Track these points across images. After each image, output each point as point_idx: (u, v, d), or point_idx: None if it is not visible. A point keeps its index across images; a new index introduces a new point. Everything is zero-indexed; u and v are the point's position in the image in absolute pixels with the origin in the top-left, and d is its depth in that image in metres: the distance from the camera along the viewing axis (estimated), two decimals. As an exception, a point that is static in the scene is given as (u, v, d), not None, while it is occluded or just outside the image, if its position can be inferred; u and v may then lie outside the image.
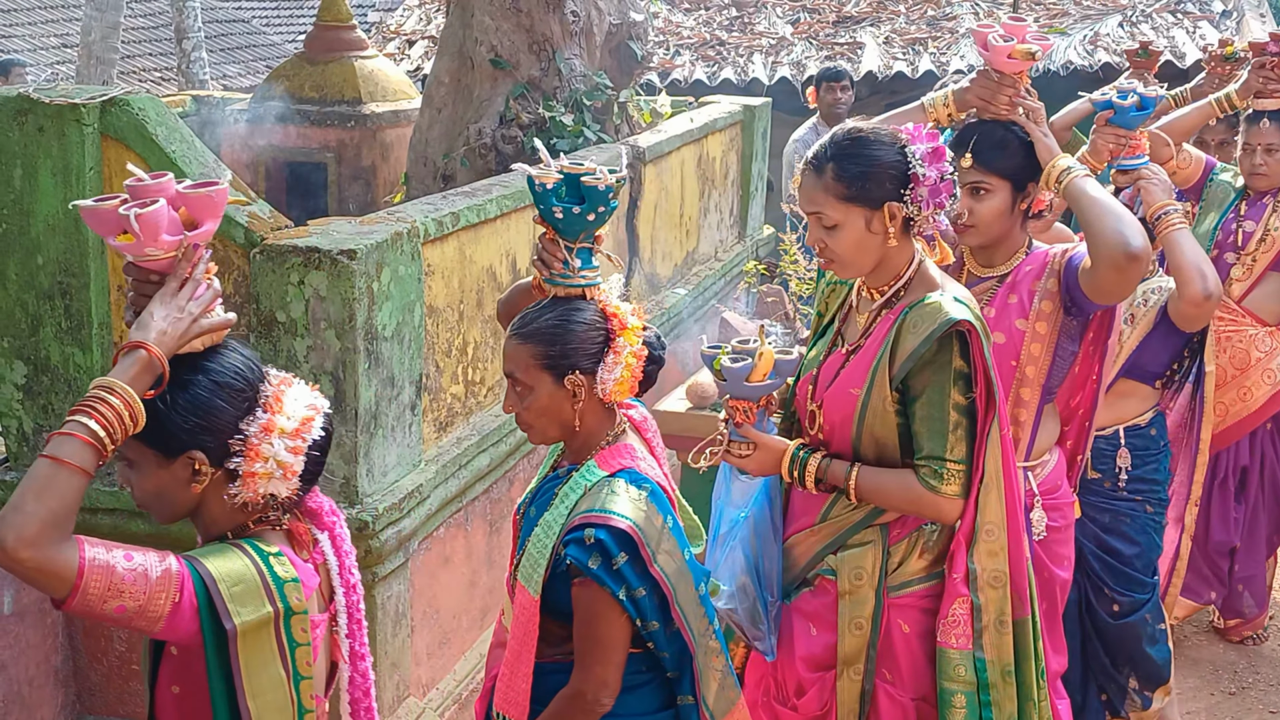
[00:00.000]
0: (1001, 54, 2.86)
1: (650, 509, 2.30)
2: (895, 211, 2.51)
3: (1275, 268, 4.60)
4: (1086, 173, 2.84)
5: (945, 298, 2.53)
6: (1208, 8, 9.58)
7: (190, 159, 3.57)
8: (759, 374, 2.60)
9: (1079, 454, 3.20)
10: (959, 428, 2.51)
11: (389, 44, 10.04)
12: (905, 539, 2.64)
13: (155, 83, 13.33)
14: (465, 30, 5.54)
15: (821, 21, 9.95)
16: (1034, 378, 2.94)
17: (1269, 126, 4.50)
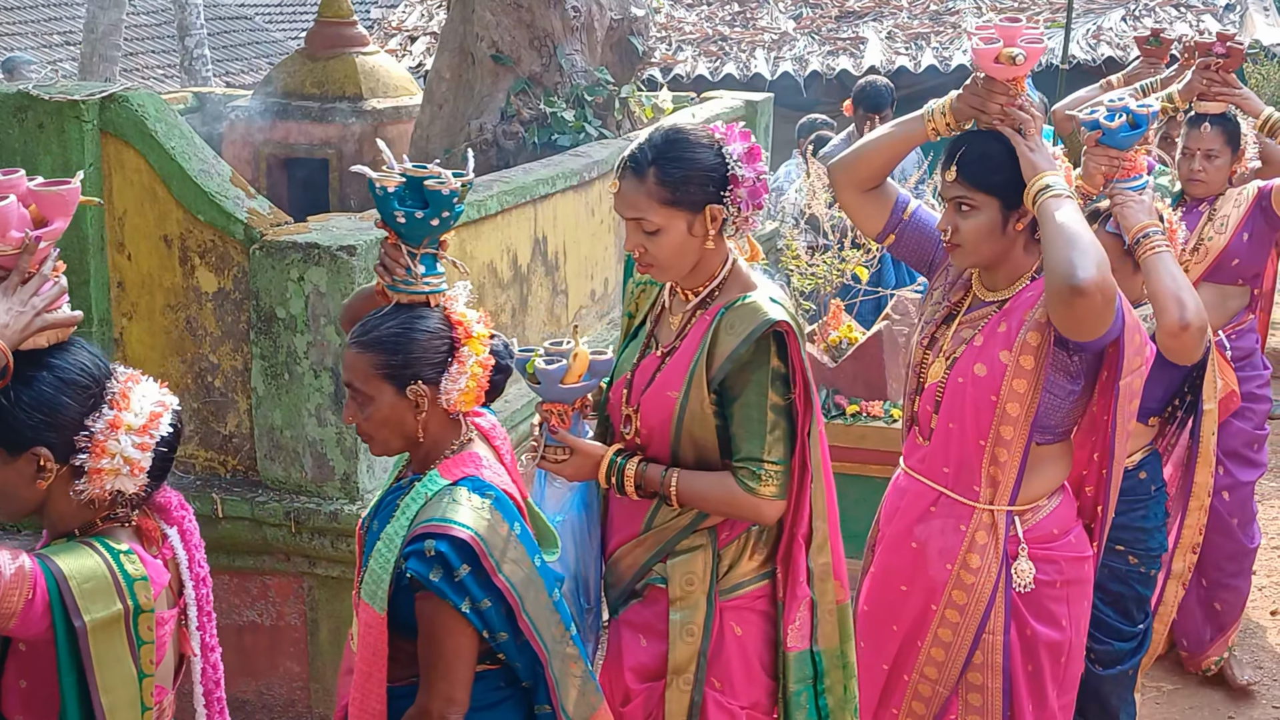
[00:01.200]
0: (988, 58, 2.65)
1: (494, 517, 2.23)
2: (716, 214, 2.45)
3: (1208, 278, 4.36)
4: (1068, 194, 2.61)
5: (762, 298, 2.48)
6: (1211, 1, 9.55)
7: (189, 155, 3.56)
8: (574, 375, 2.54)
9: (1099, 504, 2.89)
10: (777, 429, 2.46)
11: (391, 40, 10.04)
12: (735, 540, 2.57)
13: (158, 80, 13.34)
14: (466, 26, 5.53)
15: (824, 16, 9.94)
16: (1018, 416, 2.72)
17: (1210, 131, 4.29)
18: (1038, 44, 2.63)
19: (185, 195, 3.54)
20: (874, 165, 2.89)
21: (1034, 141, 2.67)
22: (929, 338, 2.89)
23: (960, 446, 2.79)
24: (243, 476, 3.71)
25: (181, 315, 3.65)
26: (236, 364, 3.63)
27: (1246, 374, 4.46)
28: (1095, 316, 2.54)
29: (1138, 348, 2.71)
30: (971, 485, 2.80)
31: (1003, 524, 2.78)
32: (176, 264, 3.62)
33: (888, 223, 2.95)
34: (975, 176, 2.70)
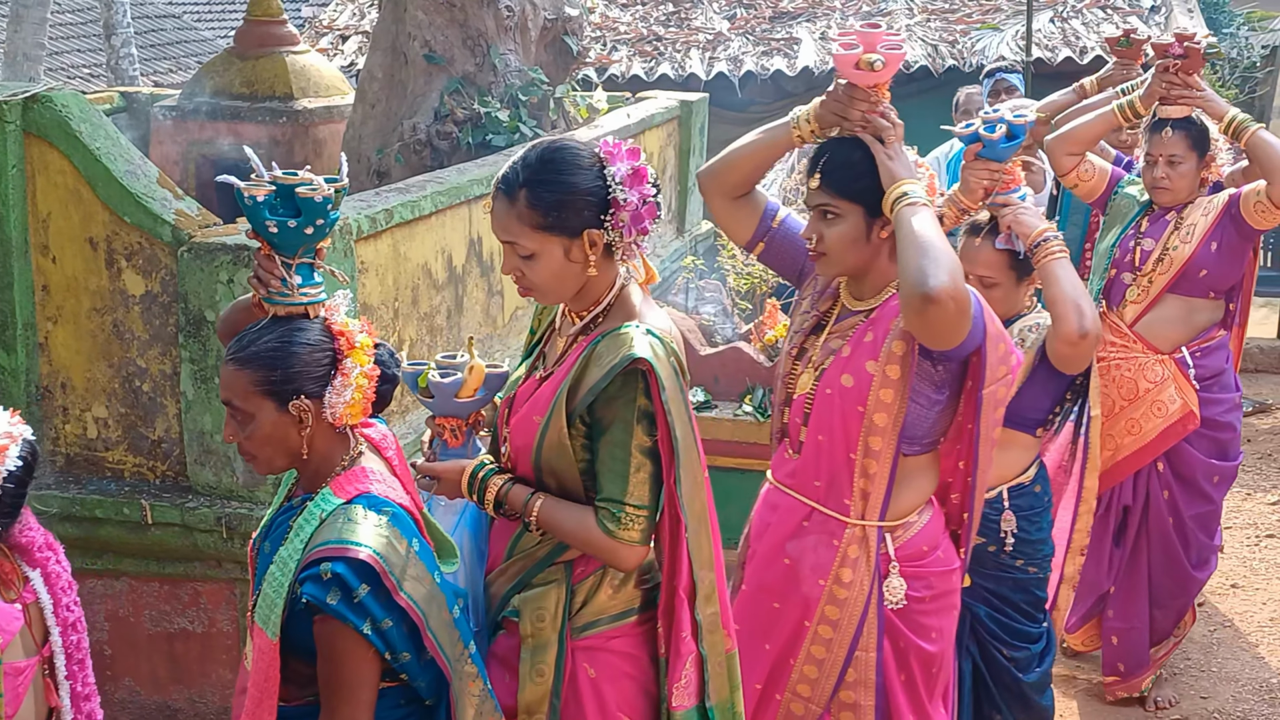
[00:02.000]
0: (848, 64, 2.56)
1: (392, 533, 2.15)
2: (595, 239, 2.33)
3: (1174, 290, 4.17)
4: (924, 201, 2.55)
5: (637, 330, 2.34)
6: (1136, 3, 9.72)
7: (115, 156, 3.50)
8: (469, 389, 2.48)
9: (965, 511, 2.84)
10: (642, 470, 2.32)
11: (322, 39, 9.94)
12: (591, 575, 2.44)
13: (84, 79, 13.10)
14: (398, 25, 5.49)
15: (758, 17, 9.98)
16: (885, 426, 2.66)
17: (1172, 136, 4.08)
18: (897, 50, 2.58)
19: (111, 197, 3.48)
20: (742, 172, 2.82)
21: (893, 149, 2.61)
22: (797, 348, 2.84)
23: (830, 459, 2.73)
24: (172, 482, 3.65)
25: (108, 319, 3.58)
26: (165, 368, 3.58)
27: (1211, 396, 4.24)
28: (949, 324, 2.50)
29: (1001, 356, 2.67)
30: (843, 499, 2.74)
31: (874, 540, 2.74)
32: (103, 267, 3.55)
33: (756, 230, 2.87)
34: (839, 184, 2.64)
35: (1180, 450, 4.24)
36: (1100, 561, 4.30)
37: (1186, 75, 4.01)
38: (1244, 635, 4.89)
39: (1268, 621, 4.96)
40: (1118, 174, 4.35)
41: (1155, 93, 4.05)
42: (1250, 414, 7.46)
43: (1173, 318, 4.21)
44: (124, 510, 3.56)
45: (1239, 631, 4.91)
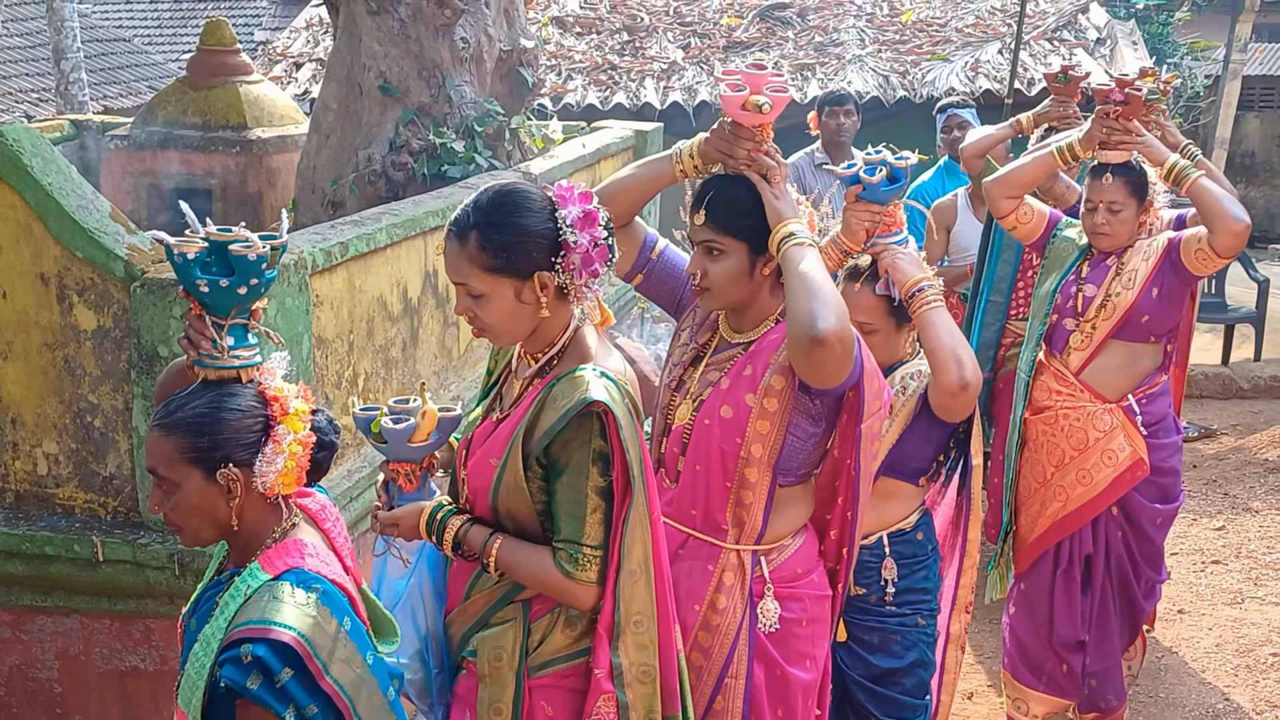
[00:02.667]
0: (734, 105, 2.58)
1: (321, 613, 2.05)
2: (546, 281, 2.35)
3: (1117, 335, 4.12)
4: (810, 241, 2.57)
5: (592, 373, 2.35)
6: (1083, 36, 9.90)
7: (67, 190, 3.48)
8: (422, 434, 2.46)
9: (844, 546, 2.83)
10: (598, 511, 2.34)
11: (276, 66, 9.91)
12: (548, 614, 2.44)
13: (33, 104, 12.98)
14: (353, 56, 5.50)
15: (712, 46, 10.07)
16: (761, 457, 2.68)
17: (1112, 183, 4.03)
18: (783, 92, 2.60)
19: (63, 232, 3.45)
20: (622, 204, 2.81)
21: (779, 189, 2.63)
22: (676, 380, 2.84)
23: (707, 489, 2.74)
24: (124, 518, 3.62)
25: (59, 354, 3.55)
26: (117, 403, 3.55)
27: (1157, 441, 4.19)
28: (835, 365, 2.52)
29: (876, 392, 2.70)
30: (719, 526, 2.75)
31: (749, 564, 2.74)
32: (54, 302, 3.52)
33: (636, 262, 2.90)
34: (724, 221, 2.65)
35: (1127, 496, 4.21)
36: (1073, 615, 4.25)
37: (1127, 120, 3.99)
38: (1190, 661, 4.96)
39: (1213, 647, 5.04)
40: (1056, 216, 4.32)
41: (1095, 137, 4.03)
42: (1195, 439, 7.59)
43: (1117, 364, 4.16)
44: (75, 547, 3.53)
45: (1185, 658, 4.99)
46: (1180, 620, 5.28)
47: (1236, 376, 8.53)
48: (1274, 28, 18.63)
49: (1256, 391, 8.45)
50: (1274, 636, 5.08)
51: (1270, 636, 5.08)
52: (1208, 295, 9.13)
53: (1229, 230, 3.86)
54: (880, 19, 10.56)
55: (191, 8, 18.94)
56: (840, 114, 6.58)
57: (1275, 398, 8.38)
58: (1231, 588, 5.55)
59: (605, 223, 2.39)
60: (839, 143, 6.51)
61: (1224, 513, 6.40)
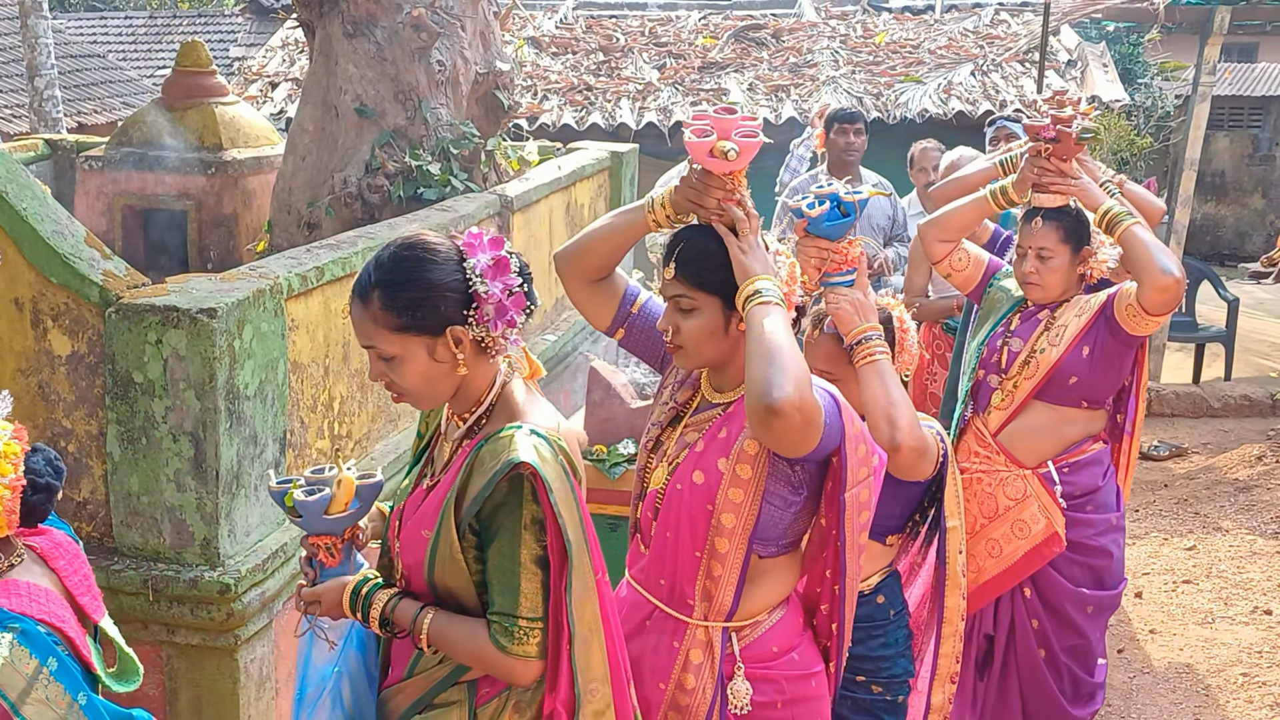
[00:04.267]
0: (701, 151, 2.43)
1: (16, 653, 2.01)
2: (460, 335, 2.24)
3: (1040, 396, 3.80)
4: (776, 301, 2.41)
5: (520, 432, 2.24)
6: (1054, 58, 9.99)
7: (42, 216, 3.48)
8: (339, 504, 2.36)
9: (834, 621, 2.63)
10: (533, 580, 2.21)
11: (251, 86, 9.91)
12: (496, 698, 2.32)
13: (6, 121, 12.91)
14: (329, 78, 5.50)
15: (687, 67, 10.12)
16: (733, 527, 2.50)
17: (1042, 228, 3.72)
18: (753, 138, 2.45)
19: (37, 257, 3.45)
20: (599, 256, 2.69)
21: (748, 242, 2.47)
22: (654, 440, 2.70)
23: (675, 558, 2.59)
24: (98, 544, 3.60)
25: (33, 380, 3.54)
26: (91, 429, 3.54)
27: (1082, 516, 3.84)
28: (795, 436, 2.35)
29: (862, 458, 2.53)
30: (686, 600, 2.59)
31: (719, 641, 2.57)
32: (28, 327, 3.51)
33: (616, 316, 2.75)
34: (694, 275, 2.50)
35: (1047, 576, 3.86)
36: (963, 694, 3.91)
37: (1060, 161, 3.64)
38: (1162, 681, 5.00)
39: (1184, 667, 5.08)
40: (995, 265, 4.05)
41: (1028, 179, 3.69)
42: (1166, 458, 7.66)
43: (1039, 428, 3.83)
44: (47, 573, 3.51)
45: (1158, 677, 5.03)
46: (1152, 640, 5.33)
47: (1207, 396, 8.62)
48: (1244, 47, 18.86)
49: (1227, 410, 8.55)
50: (1244, 656, 5.12)
51: (1240, 656, 5.12)
52: (1178, 314, 9.24)
53: (1155, 284, 3.54)
54: (854, 40, 10.64)
55: (166, 24, 18.92)
56: (850, 132, 6.24)
57: (1245, 416, 8.48)
58: (1202, 607, 5.60)
59: (520, 269, 2.29)
60: (846, 162, 6.21)
61: (1195, 532, 6.46)
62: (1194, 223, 11.34)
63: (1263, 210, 15.34)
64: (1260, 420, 8.36)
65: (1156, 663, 5.14)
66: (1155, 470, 7.45)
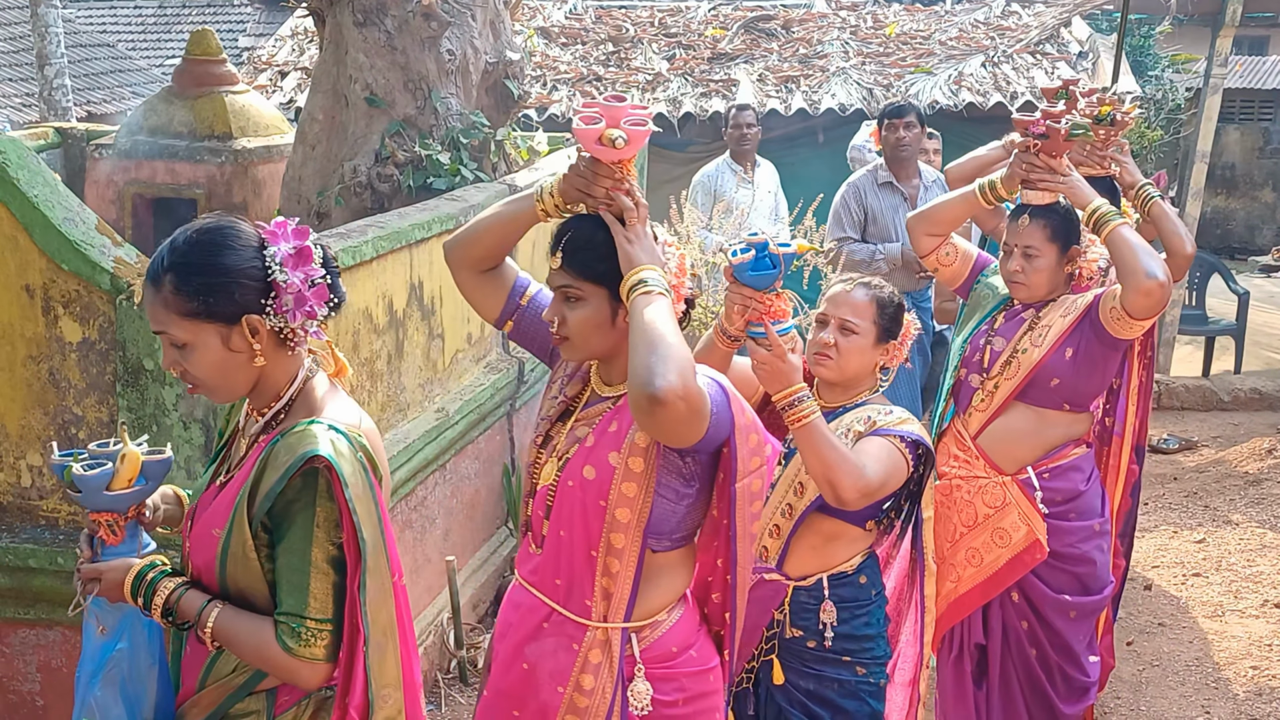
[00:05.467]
0: (589, 139, 2.37)
1: None
2: (257, 325, 2.16)
3: (1021, 398, 3.69)
4: (661, 291, 2.34)
5: (319, 427, 2.15)
6: (1065, 49, 9.96)
7: (53, 202, 3.48)
8: (122, 480, 2.26)
9: (727, 610, 2.61)
10: (324, 579, 2.13)
11: (261, 75, 9.90)
12: (295, 705, 2.24)
13: (16, 109, 12.93)
14: (339, 67, 5.50)
15: (696, 58, 10.10)
16: (628, 522, 2.44)
17: (1029, 225, 3.64)
18: (641, 126, 2.39)
19: (48, 244, 3.45)
20: (486, 245, 2.64)
21: (635, 231, 2.41)
22: (543, 435, 2.64)
23: (570, 556, 2.52)
24: (108, 531, 3.61)
25: (44, 366, 3.55)
26: (102, 416, 3.54)
27: (1064, 524, 3.74)
28: (680, 426, 2.29)
29: (754, 448, 2.49)
30: (584, 599, 2.53)
31: (618, 643, 2.52)
32: (39, 314, 3.52)
33: (504, 308, 2.69)
34: (580, 265, 2.44)
35: (1030, 583, 3.77)
36: (964, 709, 3.89)
37: (1049, 157, 3.56)
38: (1172, 674, 4.99)
39: (1194, 661, 5.07)
40: (983, 260, 3.96)
41: (1016, 175, 3.60)
42: (1176, 451, 7.64)
43: (1020, 431, 3.73)
44: (58, 559, 3.52)
45: (1167, 671, 5.01)
46: (1161, 633, 5.32)
47: (1217, 389, 8.60)
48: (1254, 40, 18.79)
49: (1236, 404, 8.52)
50: (1254, 650, 5.11)
51: (1250, 650, 5.11)
52: (1188, 308, 9.21)
53: (1138, 288, 3.45)
54: (864, 32, 10.61)
55: (176, 13, 18.90)
56: (900, 127, 6.04)
57: (1255, 410, 8.46)
58: (1212, 601, 5.59)
59: (323, 259, 2.22)
60: (901, 158, 6.06)
61: (1204, 525, 6.44)
62: (1204, 216, 11.30)
63: (1273, 204, 15.28)
64: (1270, 413, 8.34)
65: (1166, 656, 5.13)
66: (1165, 463, 7.43)
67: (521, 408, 5.58)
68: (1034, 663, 3.85)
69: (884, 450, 2.90)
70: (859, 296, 3.09)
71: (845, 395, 3.12)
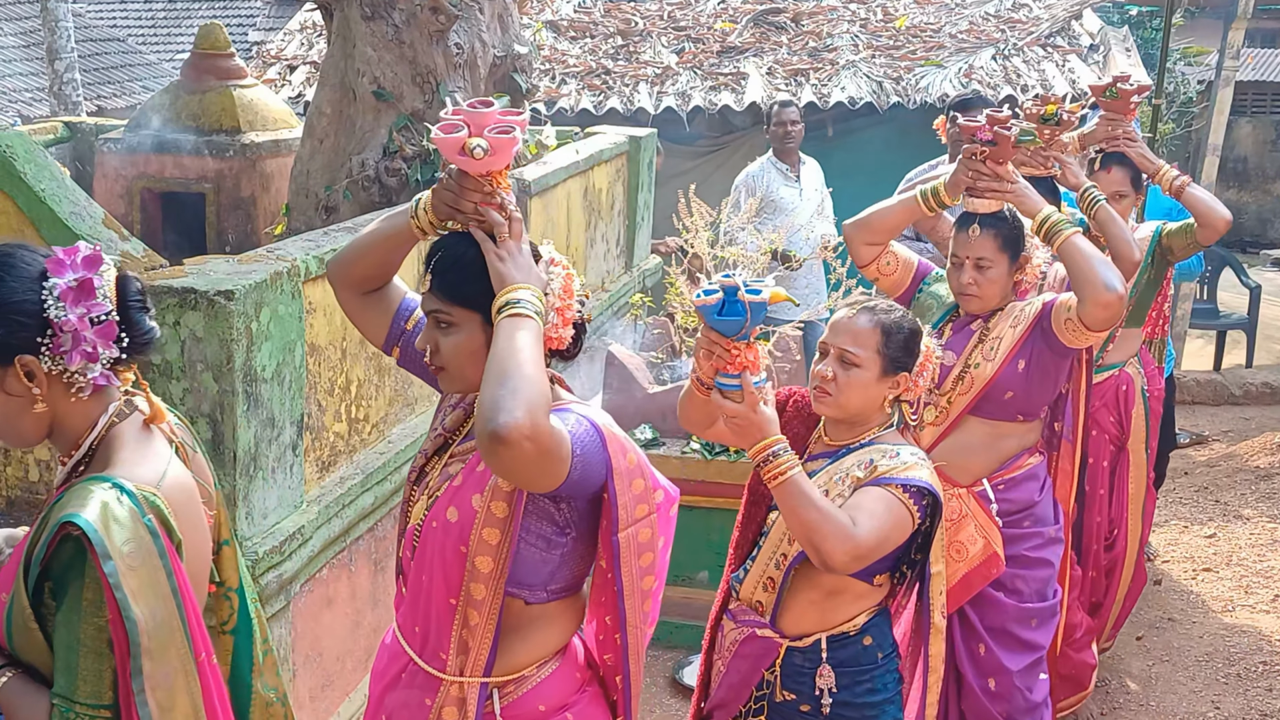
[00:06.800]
0: (452, 149, 2.18)
1: None
2: (32, 368, 1.92)
3: (975, 412, 3.58)
4: (532, 314, 2.13)
5: (99, 485, 1.89)
6: (1076, 42, 9.91)
7: (60, 197, 3.48)
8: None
9: (619, 674, 2.39)
10: (100, 660, 1.85)
11: (269, 69, 9.90)
12: None
13: (26, 104, 12.96)
14: (347, 61, 5.49)
15: (706, 51, 10.07)
16: (490, 572, 2.23)
17: (980, 236, 3.49)
18: (507, 134, 2.19)
19: (56, 238, 3.45)
20: (365, 266, 2.45)
21: (507, 248, 2.20)
22: (417, 471, 2.43)
23: (429, 604, 2.33)
24: (116, 525, 3.62)
25: (51, 360, 3.55)
26: (109, 410, 3.55)
27: (1020, 532, 3.66)
28: (529, 468, 2.07)
29: (639, 495, 2.27)
30: (440, 651, 2.33)
31: (475, 700, 2.30)
32: (46, 308, 3.52)
33: (390, 332, 2.50)
34: (449, 287, 2.24)
35: (987, 599, 3.65)
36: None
37: (995, 164, 3.43)
38: (1181, 669, 4.97)
39: (1204, 656, 5.05)
40: (925, 268, 3.79)
41: (961, 182, 3.48)
42: (1187, 446, 7.61)
43: (975, 445, 3.62)
44: (66, 554, 3.53)
45: (1177, 665, 5.00)
46: (1171, 628, 5.30)
47: (1228, 383, 8.57)
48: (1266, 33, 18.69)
49: (1248, 398, 8.49)
50: (1264, 645, 5.09)
51: (1261, 645, 5.09)
52: (1200, 301, 9.17)
53: (1096, 300, 3.30)
54: (874, 24, 10.57)
55: (185, 8, 18.93)
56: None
57: (1266, 404, 8.43)
58: (1222, 596, 5.57)
59: (104, 294, 1.95)
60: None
61: (1215, 520, 6.42)
62: (1216, 209, 11.25)
63: (1285, 197, 15.25)
64: (1282, 408, 8.32)
65: (1176, 650, 5.11)
66: (1176, 458, 7.39)
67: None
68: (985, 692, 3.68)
69: (881, 504, 2.65)
70: (861, 323, 2.81)
71: (852, 433, 2.87)
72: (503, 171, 2.24)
